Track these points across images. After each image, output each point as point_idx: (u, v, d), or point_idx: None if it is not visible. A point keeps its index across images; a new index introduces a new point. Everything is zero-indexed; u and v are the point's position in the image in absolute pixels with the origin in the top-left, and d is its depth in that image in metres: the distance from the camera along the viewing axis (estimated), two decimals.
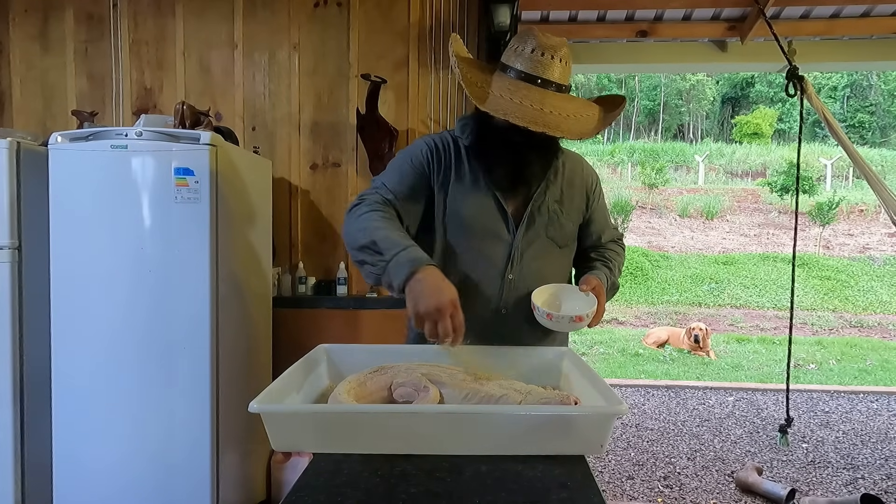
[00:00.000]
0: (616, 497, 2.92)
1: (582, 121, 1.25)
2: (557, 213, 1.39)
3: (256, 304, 2.49)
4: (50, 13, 2.98)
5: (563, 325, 1.26)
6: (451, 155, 1.36)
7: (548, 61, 1.21)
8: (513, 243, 1.35)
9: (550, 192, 1.38)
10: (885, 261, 11.78)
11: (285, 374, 1.06)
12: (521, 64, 1.23)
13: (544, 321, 1.27)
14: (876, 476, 3.19)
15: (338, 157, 2.92)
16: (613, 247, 1.52)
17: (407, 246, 1.16)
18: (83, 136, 2.11)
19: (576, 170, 1.45)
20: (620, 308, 9.74)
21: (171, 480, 2.08)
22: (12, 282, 2.13)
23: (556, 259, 1.42)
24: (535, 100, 1.20)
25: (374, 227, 1.20)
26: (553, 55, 1.22)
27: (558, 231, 1.39)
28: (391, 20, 2.87)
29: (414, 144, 1.40)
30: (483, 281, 1.34)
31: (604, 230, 1.51)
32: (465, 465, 0.89)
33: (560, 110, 1.21)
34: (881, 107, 28.08)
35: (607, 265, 1.44)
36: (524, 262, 1.36)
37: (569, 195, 1.41)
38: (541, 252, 1.38)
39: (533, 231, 1.36)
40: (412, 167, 1.35)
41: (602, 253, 1.48)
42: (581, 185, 1.45)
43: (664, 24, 3.99)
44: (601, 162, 20.10)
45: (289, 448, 0.94)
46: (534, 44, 1.22)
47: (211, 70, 2.94)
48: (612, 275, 1.44)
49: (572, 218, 1.43)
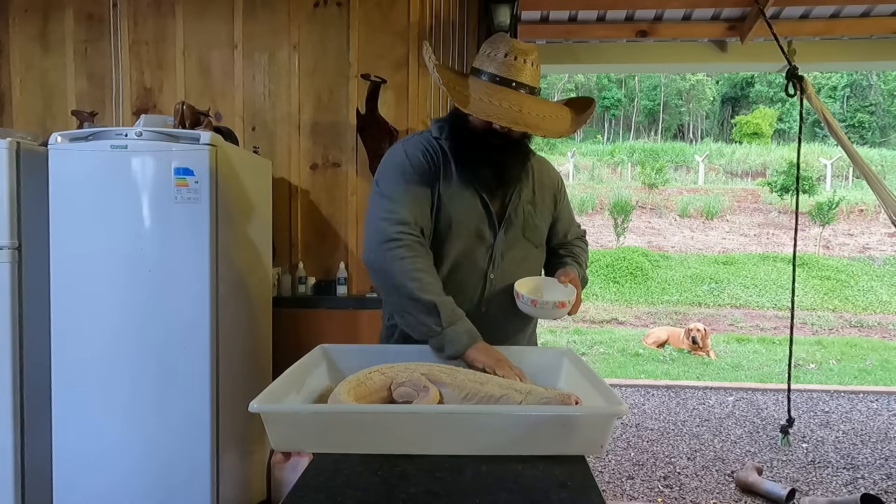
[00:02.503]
0: (616, 497, 2.92)
1: (557, 121, 1.30)
2: (531, 213, 1.44)
3: (256, 304, 2.48)
4: (50, 13, 2.98)
5: (546, 312, 1.32)
6: (439, 157, 1.38)
7: (520, 65, 1.26)
8: (494, 244, 1.39)
9: (524, 193, 1.43)
10: (885, 261, 11.78)
11: (285, 374, 1.06)
12: (494, 68, 1.27)
13: (528, 308, 1.32)
14: (876, 476, 3.19)
15: (338, 157, 2.92)
16: (578, 243, 1.60)
17: (461, 316, 1.24)
18: (83, 137, 2.10)
19: (543, 171, 1.51)
20: (620, 308, 9.74)
21: (172, 480, 2.08)
22: (12, 282, 2.13)
23: (532, 258, 1.49)
24: (512, 101, 1.25)
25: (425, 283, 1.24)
26: (525, 59, 1.27)
27: (533, 231, 1.45)
28: (391, 20, 2.87)
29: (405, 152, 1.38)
30: (466, 281, 1.38)
31: (569, 228, 1.59)
32: (465, 465, 0.89)
33: (536, 111, 1.26)
34: (881, 107, 28.08)
35: (577, 260, 1.51)
36: (504, 261, 1.41)
37: (540, 196, 1.47)
38: (519, 252, 1.44)
39: (512, 232, 1.41)
40: (421, 178, 1.34)
41: (570, 249, 1.56)
42: (550, 187, 1.51)
43: (664, 24, 3.99)
44: (601, 162, 20.09)
45: (289, 448, 0.94)
46: (506, 48, 1.27)
47: (211, 70, 2.94)
48: (582, 269, 1.51)
49: (544, 218, 1.49)
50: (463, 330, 1.21)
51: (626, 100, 32.30)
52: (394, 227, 1.28)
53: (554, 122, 1.29)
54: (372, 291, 2.85)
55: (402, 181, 1.34)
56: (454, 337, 1.20)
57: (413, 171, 1.35)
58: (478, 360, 1.18)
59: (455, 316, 1.23)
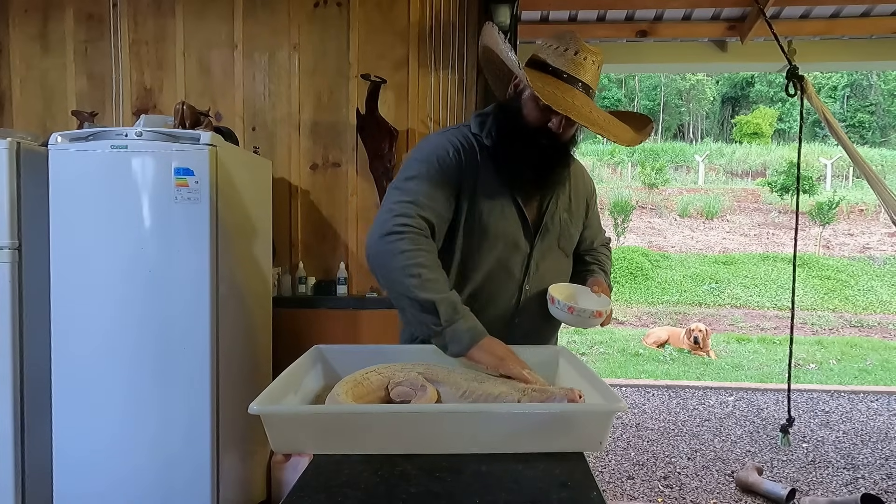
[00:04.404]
0: (616, 497, 2.92)
1: (621, 128, 1.24)
2: (567, 222, 1.37)
3: (256, 304, 2.48)
4: (50, 13, 2.98)
5: (581, 321, 1.27)
6: (475, 155, 1.28)
7: (588, 65, 1.21)
8: (531, 253, 1.32)
9: (561, 201, 1.36)
10: (885, 260, 11.78)
11: (282, 375, 1.06)
12: (562, 64, 1.20)
13: (561, 314, 1.28)
14: (876, 476, 3.19)
15: (338, 157, 2.92)
16: (603, 250, 1.55)
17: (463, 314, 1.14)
18: (83, 137, 2.10)
19: (579, 177, 1.44)
20: (620, 308, 9.74)
21: (172, 480, 2.08)
22: (12, 282, 2.13)
23: (564, 267, 1.42)
24: (582, 102, 1.19)
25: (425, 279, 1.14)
26: (593, 61, 1.22)
27: (567, 241, 1.39)
28: (391, 20, 2.87)
29: (436, 145, 1.29)
30: (500, 291, 1.32)
31: (597, 235, 1.54)
32: (465, 464, 0.89)
33: (599, 114, 1.21)
34: (881, 106, 28.09)
35: (603, 268, 1.47)
36: (539, 272, 1.34)
37: (576, 204, 1.41)
38: (553, 262, 1.37)
39: (547, 241, 1.35)
40: (443, 174, 1.24)
41: (596, 257, 1.50)
42: (584, 194, 1.45)
43: (664, 24, 3.99)
44: (601, 162, 20.09)
45: (289, 449, 0.94)
46: (577, 46, 1.21)
47: (211, 70, 2.94)
48: (608, 278, 1.47)
49: (577, 227, 1.43)
50: (465, 328, 1.13)
51: (626, 100, 32.30)
52: (398, 219, 1.17)
53: (619, 129, 1.22)
54: (372, 291, 2.85)
55: (422, 174, 1.24)
56: (455, 336, 1.12)
57: (438, 165, 1.25)
58: (481, 360, 1.11)
59: (456, 314, 1.13)
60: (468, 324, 1.14)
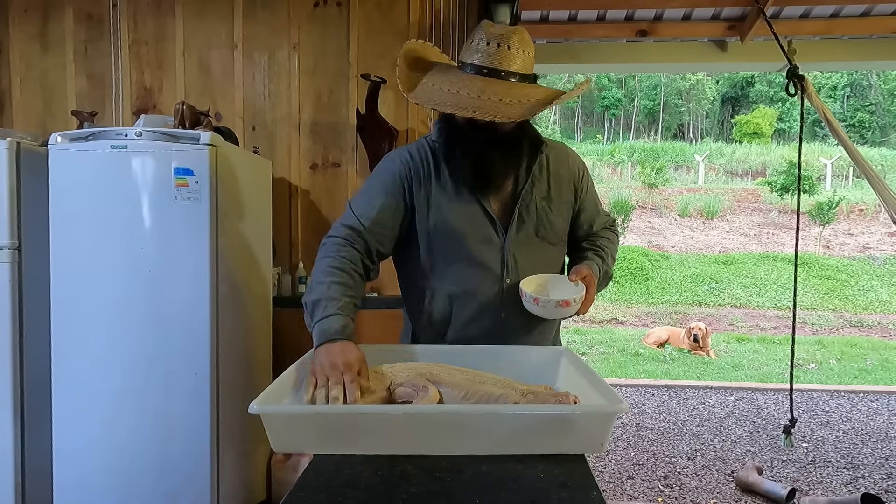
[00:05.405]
0: (616, 497, 2.92)
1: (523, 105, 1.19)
2: (546, 210, 1.35)
3: (256, 304, 2.48)
4: (50, 13, 2.98)
5: (550, 311, 1.25)
6: (429, 164, 1.33)
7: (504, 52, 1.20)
8: (504, 246, 1.32)
9: (537, 189, 1.35)
10: (885, 260, 11.78)
11: (283, 375, 1.06)
12: (466, 56, 1.24)
13: (532, 307, 1.26)
14: (876, 475, 3.19)
15: (338, 157, 2.92)
16: (606, 234, 1.49)
17: (325, 316, 1.15)
18: (83, 137, 2.10)
19: (561, 161, 1.40)
20: (620, 308, 9.75)
21: (172, 480, 2.07)
22: (12, 282, 2.13)
23: (550, 257, 1.39)
24: (475, 88, 1.18)
25: (317, 282, 1.21)
26: (500, 43, 1.20)
27: (548, 230, 1.36)
28: (391, 20, 2.87)
29: (389, 159, 1.37)
30: (481, 289, 1.32)
31: (595, 219, 1.47)
32: (465, 465, 0.89)
33: (501, 96, 1.18)
34: (881, 106, 28.10)
35: (599, 254, 1.41)
36: (519, 264, 1.33)
37: (556, 189, 1.37)
38: (534, 252, 1.35)
39: (523, 232, 1.33)
40: (384, 188, 1.32)
41: (594, 242, 1.45)
42: (569, 177, 1.40)
43: (664, 24, 3.99)
44: (601, 162, 20.09)
45: (289, 449, 0.94)
46: (482, 36, 1.22)
47: (211, 70, 2.94)
48: (605, 264, 1.40)
49: (562, 213, 1.39)
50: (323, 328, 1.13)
51: (626, 99, 32.32)
52: (337, 227, 1.29)
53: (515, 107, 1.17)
54: (372, 291, 2.85)
55: (371, 185, 1.34)
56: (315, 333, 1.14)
57: (387, 175, 1.33)
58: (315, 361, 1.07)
59: (325, 312, 1.15)
60: (326, 325, 1.13)
